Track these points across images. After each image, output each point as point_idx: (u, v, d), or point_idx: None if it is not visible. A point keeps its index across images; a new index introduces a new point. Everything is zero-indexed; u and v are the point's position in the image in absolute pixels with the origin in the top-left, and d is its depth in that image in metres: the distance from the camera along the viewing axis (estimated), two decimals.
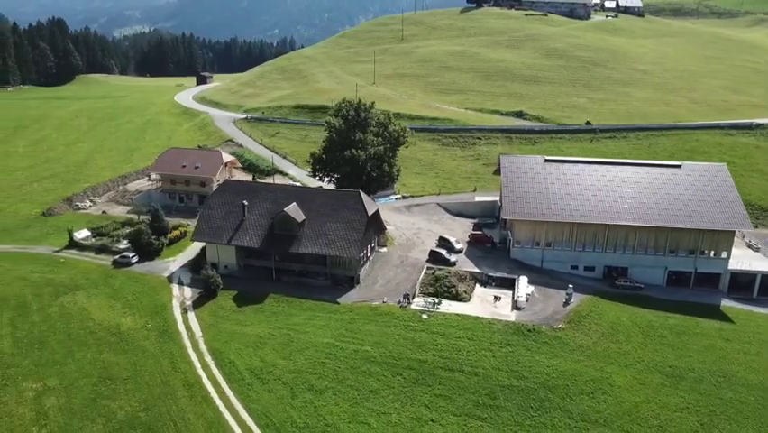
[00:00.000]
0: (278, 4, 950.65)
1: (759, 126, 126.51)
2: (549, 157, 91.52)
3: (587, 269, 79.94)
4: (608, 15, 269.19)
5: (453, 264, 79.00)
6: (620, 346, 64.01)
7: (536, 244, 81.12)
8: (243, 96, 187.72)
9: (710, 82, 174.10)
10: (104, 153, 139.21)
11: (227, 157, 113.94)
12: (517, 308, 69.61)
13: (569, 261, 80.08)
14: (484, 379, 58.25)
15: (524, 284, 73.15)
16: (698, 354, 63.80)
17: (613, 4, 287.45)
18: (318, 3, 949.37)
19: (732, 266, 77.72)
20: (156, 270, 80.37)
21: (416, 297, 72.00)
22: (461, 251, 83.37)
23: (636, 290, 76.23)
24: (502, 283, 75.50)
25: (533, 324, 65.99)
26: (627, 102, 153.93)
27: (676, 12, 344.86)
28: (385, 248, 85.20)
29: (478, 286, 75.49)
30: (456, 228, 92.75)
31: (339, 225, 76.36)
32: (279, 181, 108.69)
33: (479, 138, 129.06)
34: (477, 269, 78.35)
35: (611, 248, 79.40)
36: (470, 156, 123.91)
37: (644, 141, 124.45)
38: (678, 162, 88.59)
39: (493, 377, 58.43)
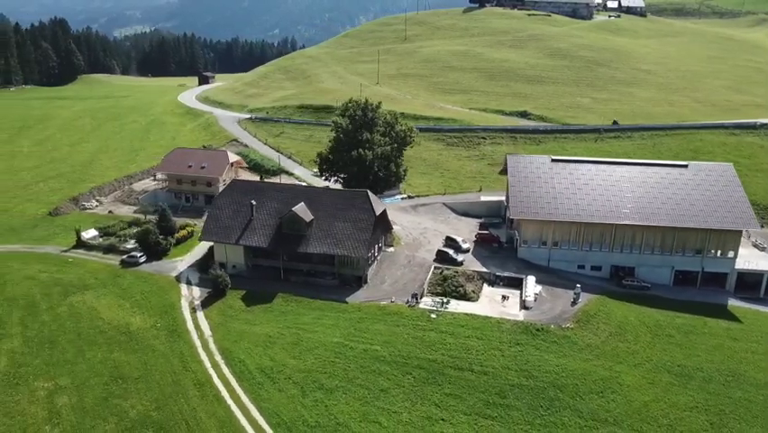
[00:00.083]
0: (279, 4, 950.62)
1: (763, 126, 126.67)
2: (556, 157, 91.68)
3: (594, 268, 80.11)
4: (610, 15, 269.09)
5: (461, 264, 79.21)
6: (629, 346, 64.23)
7: (543, 244, 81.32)
8: (247, 96, 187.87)
9: (713, 82, 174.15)
10: (108, 153, 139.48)
11: (233, 157, 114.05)
12: (526, 307, 69.84)
13: (576, 260, 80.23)
14: (494, 378, 58.49)
15: (532, 284, 73.35)
16: (706, 353, 64.02)
17: (615, 4, 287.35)
18: (319, 3, 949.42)
19: (739, 266, 77.91)
20: (164, 269, 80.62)
21: (425, 296, 72.22)
22: (468, 250, 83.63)
23: (643, 290, 76.41)
24: (510, 283, 75.75)
25: (541, 323, 66.21)
26: (631, 102, 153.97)
27: (678, 12, 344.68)
28: (392, 248, 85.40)
29: (485, 286, 75.72)
30: (462, 228, 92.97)
31: (347, 224, 76.56)
32: (285, 181, 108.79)
33: (483, 138, 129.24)
34: (484, 268, 78.57)
35: (618, 248, 79.54)
36: (474, 156, 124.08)
37: (648, 141, 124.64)
38: (684, 162, 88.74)
39: (503, 376, 58.66)
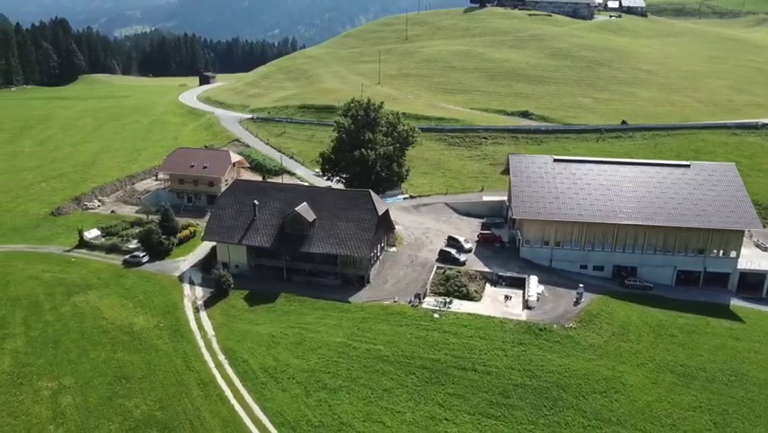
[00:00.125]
0: (279, 4, 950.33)
1: (765, 126, 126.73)
2: (558, 157, 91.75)
3: (596, 268, 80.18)
4: (611, 15, 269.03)
5: (463, 264, 79.28)
6: (631, 346, 64.30)
7: (545, 244, 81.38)
8: (248, 96, 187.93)
9: (715, 82, 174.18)
10: (110, 153, 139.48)
11: (235, 157, 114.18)
12: (528, 307, 69.90)
13: (578, 260, 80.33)
14: (497, 378, 58.56)
15: (534, 284, 73.42)
16: (709, 353, 64.08)
17: (616, 4, 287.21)
18: (319, 3, 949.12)
19: (741, 266, 77.93)
20: (167, 269, 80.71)
21: (427, 296, 72.25)
22: (470, 250, 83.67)
23: (646, 290, 76.45)
24: (512, 283, 75.76)
25: (544, 323, 66.30)
26: (633, 102, 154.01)
27: (678, 12, 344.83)
28: (394, 248, 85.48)
29: (488, 285, 75.75)
30: (464, 228, 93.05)
31: (349, 224, 76.62)
32: (287, 181, 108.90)
33: (485, 138, 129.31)
34: (487, 268, 78.63)
35: (620, 248, 79.61)
36: (476, 156, 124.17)
37: (650, 141, 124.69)
38: (687, 162, 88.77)
39: (506, 376, 58.75)
